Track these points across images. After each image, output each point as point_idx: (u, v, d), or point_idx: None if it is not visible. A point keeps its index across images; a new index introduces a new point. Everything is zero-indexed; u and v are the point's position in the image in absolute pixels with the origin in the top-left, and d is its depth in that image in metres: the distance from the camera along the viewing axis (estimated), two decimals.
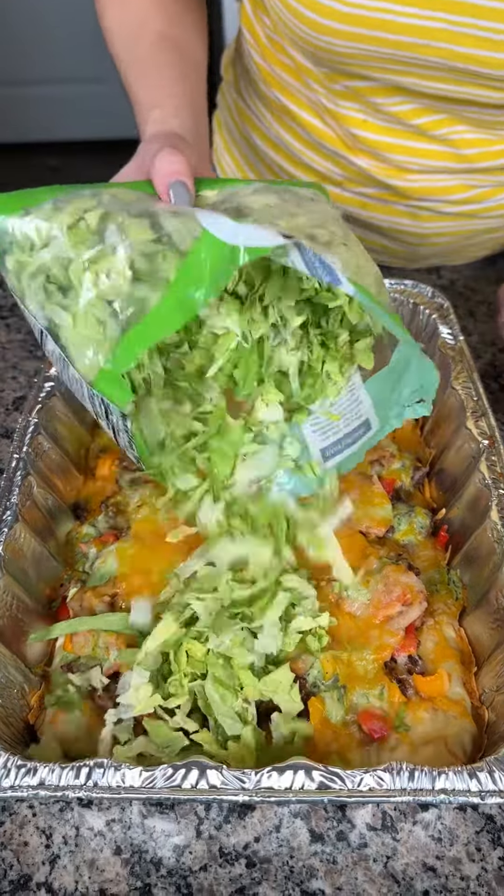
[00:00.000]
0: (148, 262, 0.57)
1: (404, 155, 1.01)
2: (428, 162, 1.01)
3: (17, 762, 0.60)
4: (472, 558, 0.78)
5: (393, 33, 0.84)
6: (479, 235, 1.16)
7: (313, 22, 0.86)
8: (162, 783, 0.59)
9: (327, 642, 0.71)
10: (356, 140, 1.01)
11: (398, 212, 1.10)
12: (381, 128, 1.00)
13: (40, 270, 0.59)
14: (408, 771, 0.59)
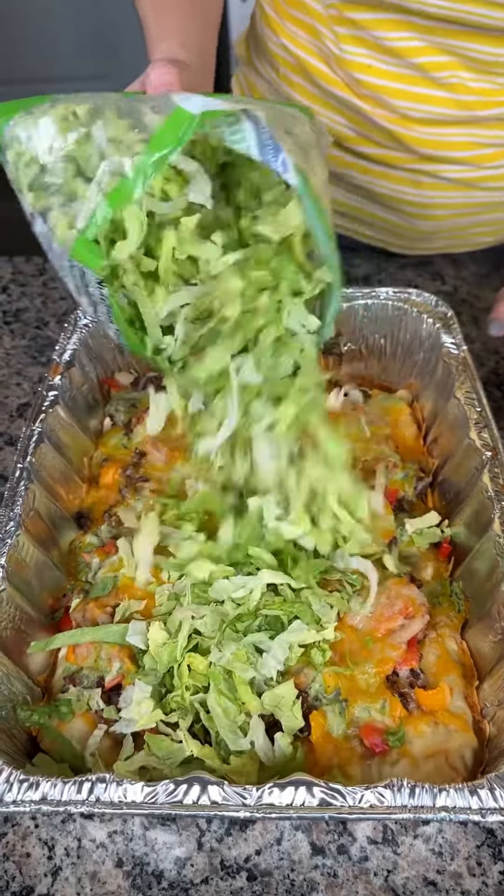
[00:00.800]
0: (125, 143, 0.60)
1: (407, 100, 1.01)
2: (430, 108, 1.01)
3: (19, 776, 0.60)
4: (475, 571, 0.78)
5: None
6: (479, 213, 1.15)
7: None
8: (164, 798, 0.59)
9: (329, 656, 0.71)
10: (360, 85, 1.02)
11: (399, 178, 1.11)
12: (385, 72, 1.00)
13: (33, 160, 0.62)
14: (408, 787, 0.59)
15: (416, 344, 0.99)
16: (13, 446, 1.01)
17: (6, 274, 1.28)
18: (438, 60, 0.97)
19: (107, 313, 0.67)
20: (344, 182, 1.15)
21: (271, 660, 0.69)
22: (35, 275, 1.28)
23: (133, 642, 0.71)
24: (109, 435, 0.97)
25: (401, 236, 1.21)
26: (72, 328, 0.98)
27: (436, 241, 1.22)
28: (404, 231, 1.19)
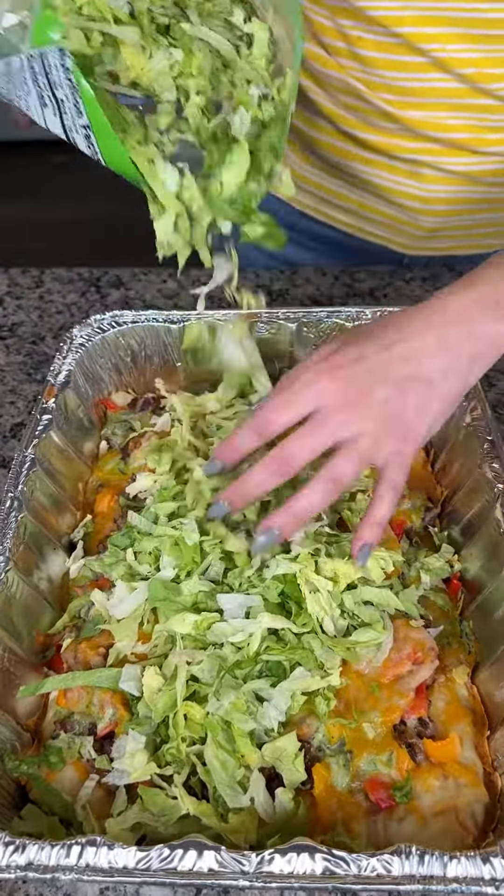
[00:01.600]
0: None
1: (399, 71, 0.98)
2: (425, 82, 0.98)
3: (4, 839, 0.57)
4: (487, 610, 0.74)
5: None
6: (482, 210, 1.13)
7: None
8: (157, 864, 0.55)
9: (334, 705, 0.67)
10: (356, 59, 1.00)
11: (400, 170, 1.09)
12: (375, 43, 0.97)
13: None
14: (417, 854, 0.55)
15: None
16: (6, 468, 0.98)
17: (2, 286, 1.24)
18: (423, 31, 0.94)
19: (77, 116, 0.64)
20: (348, 175, 1.14)
21: (272, 709, 0.65)
22: (31, 287, 1.24)
23: (126, 689, 0.68)
24: (105, 459, 0.93)
25: (404, 234, 1.19)
26: (67, 347, 0.95)
27: (440, 241, 1.20)
28: (408, 228, 1.17)
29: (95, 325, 0.97)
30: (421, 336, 0.68)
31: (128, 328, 0.97)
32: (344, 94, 1.04)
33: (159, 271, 1.26)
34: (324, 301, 1.20)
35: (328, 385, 0.66)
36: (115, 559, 0.78)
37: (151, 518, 0.79)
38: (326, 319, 0.97)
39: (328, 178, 1.17)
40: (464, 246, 1.21)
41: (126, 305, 1.20)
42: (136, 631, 0.72)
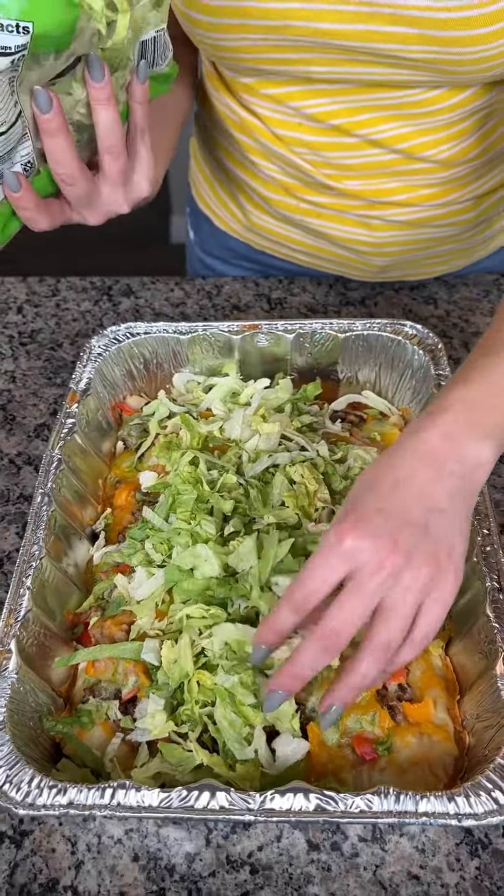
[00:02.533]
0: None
1: (339, 151, 1.08)
2: (364, 158, 1.08)
3: (49, 783, 0.68)
4: (460, 592, 0.84)
5: (256, 18, 0.92)
6: (430, 247, 1.23)
7: (191, 19, 0.95)
8: (177, 803, 0.66)
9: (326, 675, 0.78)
10: (293, 143, 1.10)
11: (351, 221, 1.18)
12: (312, 129, 1.08)
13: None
14: (394, 794, 0.66)
15: (409, 373, 1.06)
16: (31, 465, 1.08)
17: (21, 295, 1.34)
18: (355, 120, 1.04)
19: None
20: (302, 227, 1.24)
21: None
22: (48, 296, 1.34)
23: (147, 659, 0.79)
24: (122, 458, 1.04)
25: (358, 270, 1.30)
26: (87, 356, 1.05)
27: (391, 272, 1.30)
28: (360, 266, 1.28)
29: (111, 336, 1.07)
30: (417, 471, 0.68)
31: (141, 338, 1.08)
32: (291, 168, 1.14)
33: (167, 280, 1.36)
34: (319, 309, 1.30)
35: (356, 544, 0.63)
36: (133, 550, 0.88)
37: (163, 514, 0.89)
38: (321, 331, 1.07)
39: (284, 226, 1.26)
40: (412, 275, 1.32)
41: (137, 313, 1.30)
42: (154, 610, 0.83)
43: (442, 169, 1.09)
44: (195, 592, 0.81)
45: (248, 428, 0.99)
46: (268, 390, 1.06)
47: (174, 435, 1.01)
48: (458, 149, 1.06)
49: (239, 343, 1.07)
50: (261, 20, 0.92)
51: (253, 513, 0.88)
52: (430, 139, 1.05)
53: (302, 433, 0.99)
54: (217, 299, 1.32)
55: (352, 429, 1.04)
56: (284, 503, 0.89)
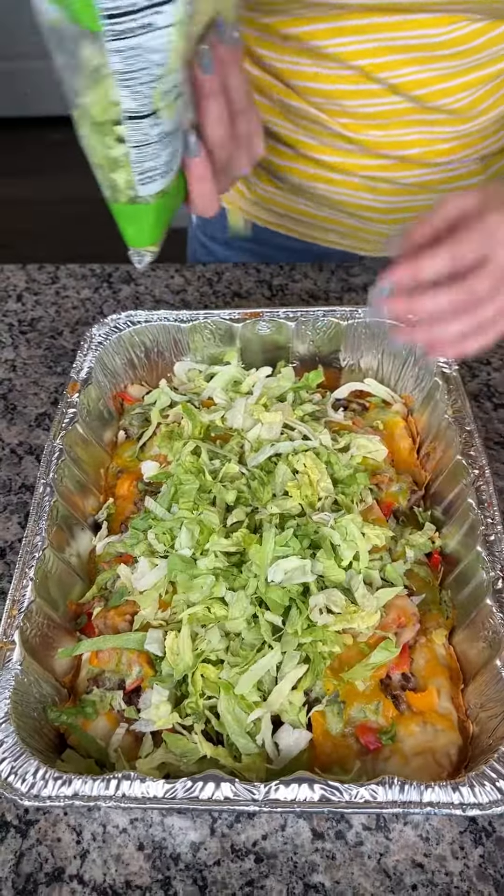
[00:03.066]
0: None
1: (357, 98, 1.07)
2: (381, 106, 1.07)
3: (53, 774, 0.68)
4: (463, 581, 0.85)
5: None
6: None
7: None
8: (182, 794, 0.66)
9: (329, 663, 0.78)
10: (311, 93, 1.09)
11: (358, 186, 1.18)
12: (331, 77, 1.06)
13: None
14: (398, 784, 0.66)
15: (412, 360, 1.05)
16: (32, 455, 1.08)
17: (20, 283, 1.33)
18: (378, 61, 1.02)
19: None
20: (311, 195, 1.23)
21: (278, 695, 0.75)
22: (48, 283, 1.33)
23: (151, 650, 0.79)
24: (124, 447, 1.03)
25: (363, 240, 1.29)
26: (87, 345, 1.04)
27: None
28: (366, 235, 1.27)
29: (112, 324, 1.07)
30: None
31: (141, 327, 1.07)
32: (305, 121, 1.13)
33: (167, 267, 1.35)
34: (320, 295, 1.29)
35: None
36: (136, 540, 0.88)
37: (165, 504, 0.89)
38: (322, 318, 1.06)
39: (293, 197, 1.26)
40: None
41: (137, 300, 1.29)
42: (157, 600, 0.83)
43: (455, 122, 1.09)
44: (197, 587, 0.81)
45: (250, 417, 0.99)
46: (269, 379, 1.05)
47: (176, 424, 1.01)
48: (471, 98, 1.06)
49: (240, 331, 1.06)
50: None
51: (255, 503, 0.88)
52: (448, 86, 1.04)
53: (304, 422, 0.98)
54: (218, 286, 1.31)
55: (354, 417, 1.04)
56: (287, 493, 0.88)
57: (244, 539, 0.83)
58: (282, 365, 1.08)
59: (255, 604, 0.80)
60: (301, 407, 1.01)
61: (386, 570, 0.85)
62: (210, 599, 0.80)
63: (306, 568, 0.80)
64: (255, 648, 0.77)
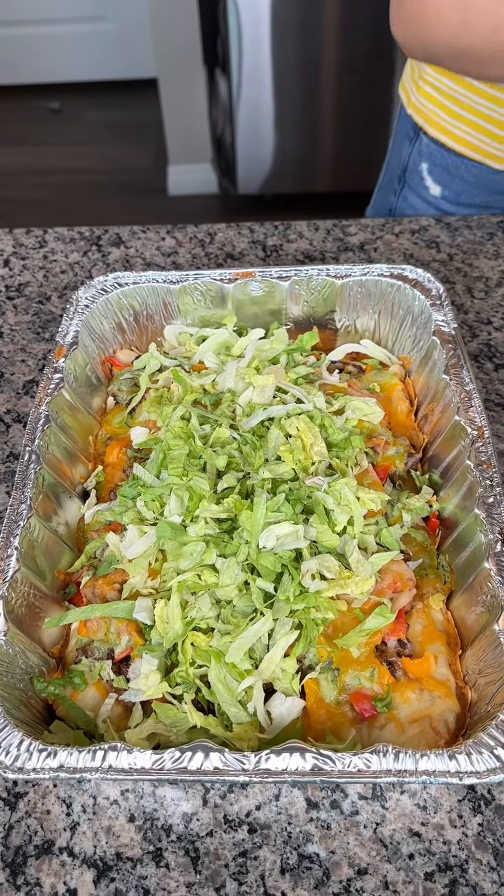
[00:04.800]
0: None
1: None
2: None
3: (38, 746, 0.66)
4: (461, 544, 0.82)
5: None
6: None
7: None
8: (170, 765, 0.64)
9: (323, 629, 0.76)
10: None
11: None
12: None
13: None
14: (393, 753, 0.64)
15: (409, 320, 1.02)
16: (20, 423, 1.05)
17: (7, 247, 1.30)
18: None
19: None
20: None
21: (269, 662, 0.73)
22: (35, 248, 1.30)
23: (140, 618, 0.77)
24: (113, 414, 1.00)
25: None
26: (74, 308, 1.01)
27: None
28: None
29: (98, 287, 1.03)
30: None
31: (129, 289, 1.03)
32: None
33: (158, 228, 1.31)
34: (316, 255, 1.25)
35: None
36: (124, 508, 0.86)
37: (154, 471, 0.86)
38: (317, 277, 1.02)
39: None
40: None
41: (127, 263, 1.26)
42: (146, 569, 0.80)
43: None
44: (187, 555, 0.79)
45: (242, 380, 0.96)
46: (262, 341, 1.02)
47: (165, 389, 0.98)
48: None
49: (232, 291, 1.03)
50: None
51: (247, 468, 0.85)
52: None
53: (298, 385, 0.95)
54: (210, 248, 1.27)
55: (350, 379, 1.01)
56: (280, 457, 0.86)
57: (235, 505, 0.80)
58: (275, 327, 1.04)
59: (247, 570, 0.77)
60: (295, 370, 0.98)
61: (382, 535, 0.83)
62: (200, 567, 0.78)
63: (299, 533, 0.78)
64: (247, 616, 0.75)
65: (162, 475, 0.86)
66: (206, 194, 3.79)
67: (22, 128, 4.26)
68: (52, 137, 4.20)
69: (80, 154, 4.07)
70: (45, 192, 3.79)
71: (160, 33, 3.22)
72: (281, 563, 0.77)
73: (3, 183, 3.85)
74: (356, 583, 0.76)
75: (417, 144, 1.36)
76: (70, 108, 4.35)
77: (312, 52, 2.99)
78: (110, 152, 4.07)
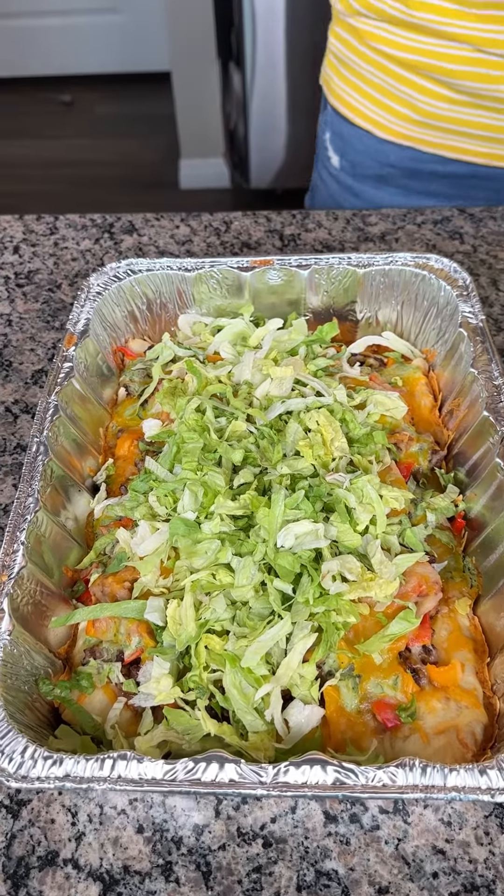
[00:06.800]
0: None
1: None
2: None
3: (43, 753, 0.62)
4: (489, 547, 0.78)
5: None
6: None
7: None
8: (183, 776, 0.61)
9: (344, 634, 0.72)
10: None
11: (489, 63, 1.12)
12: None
13: None
14: (420, 767, 0.60)
15: (434, 311, 0.98)
16: (28, 414, 1.02)
17: (17, 234, 1.26)
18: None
19: None
20: (492, 100, 1.15)
21: (287, 668, 0.69)
22: (46, 234, 1.26)
23: (151, 619, 0.73)
24: (124, 405, 0.97)
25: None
26: (85, 296, 0.97)
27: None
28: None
29: (111, 273, 1.00)
30: None
31: (143, 276, 1.00)
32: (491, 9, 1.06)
33: (172, 216, 1.28)
34: (335, 245, 1.21)
35: None
36: (136, 503, 0.82)
37: (167, 465, 0.83)
38: (338, 266, 0.98)
39: (465, 108, 1.19)
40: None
41: (139, 251, 1.22)
42: (158, 566, 0.77)
43: None
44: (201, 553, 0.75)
45: (259, 372, 0.92)
46: (280, 332, 0.98)
47: (179, 380, 0.94)
48: None
49: (249, 280, 0.99)
50: None
51: (264, 463, 0.82)
52: None
53: (317, 377, 0.91)
54: (226, 236, 1.23)
55: (372, 373, 0.97)
56: (299, 452, 0.82)
57: (252, 501, 0.76)
58: (293, 317, 1.00)
59: (264, 570, 0.74)
60: (314, 362, 0.94)
61: (405, 535, 0.79)
62: (215, 566, 0.74)
63: (319, 532, 0.74)
64: (264, 618, 0.71)
65: (175, 469, 0.82)
66: (218, 188, 3.75)
67: (33, 120, 4.22)
68: (63, 130, 4.16)
69: (92, 147, 4.03)
70: (56, 185, 3.76)
71: (174, 26, 3.18)
72: (300, 563, 0.73)
73: (14, 175, 3.82)
74: (379, 585, 0.72)
75: (324, 114, 1.42)
76: (82, 101, 4.31)
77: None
78: (122, 146, 4.04)
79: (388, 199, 1.35)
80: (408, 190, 1.33)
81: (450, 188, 1.29)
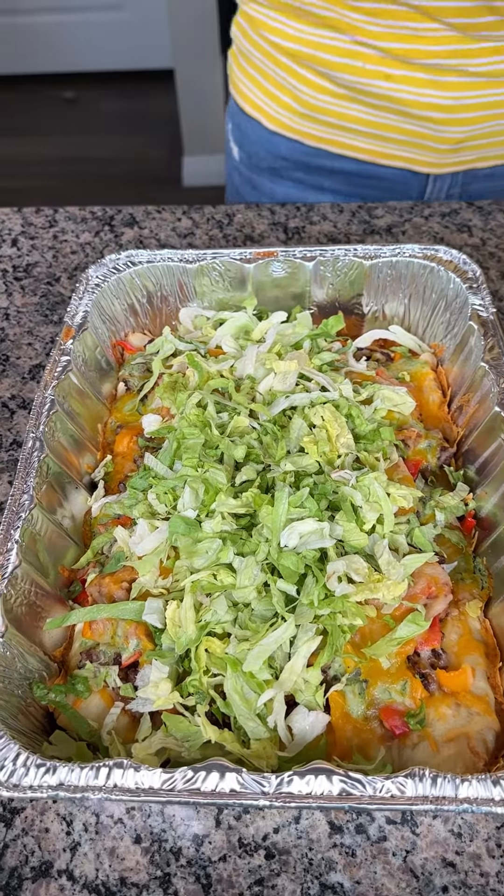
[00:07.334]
0: None
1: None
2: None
3: (36, 761, 0.60)
4: (501, 547, 0.76)
5: None
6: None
7: None
8: (181, 785, 0.58)
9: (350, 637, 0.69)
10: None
11: (421, 81, 1.10)
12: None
13: None
14: (430, 777, 0.58)
15: (443, 304, 0.95)
16: (25, 409, 0.99)
17: (16, 227, 1.24)
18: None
19: None
20: (368, 96, 1.13)
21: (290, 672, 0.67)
22: (45, 227, 1.23)
23: (150, 621, 0.70)
24: (124, 400, 0.94)
25: (428, 150, 1.19)
26: (84, 288, 0.95)
27: (465, 153, 1.19)
28: (431, 143, 1.17)
29: (110, 265, 0.97)
30: None
31: (143, 268, 0.97)
32: (372, 2, 1.04)
33: (173, 209, 1.25)
34: (341, 238, 1.18)
35: None
36: (134, 501, 0.79)
37: (167, 462, 0.80)
38: (343, 257, 0.96)
39: (346, 102, 1.16)
40: (491, 157, 1.20)
41: (140, 244, 1.19)
42: (157, 566, 0.74)
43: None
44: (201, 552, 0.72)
45: (262, 366, 0.89)
46: (284, 325, 0.95)
47: (180, 375, 0.92)
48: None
49: (252, 272, 0.96)
50: None
51: (268, 459, 0.79)
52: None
53: (322, 372, 0.89)
54: (228, 229, 1.21)
55: (378, 367, 0.94)
56: (303, 449, 0.79)
57: (255, 499, 0.74)
58: (297, 310, 0.98)
59: (267, 571, 0.71)
60: (319, 356, 0.91)
61: (413, 535, 0.76)
62: (216, 566, 0.71)
63: (324, 531, 0.71)
64: (266, 621, 0.69)
65: (175, 466, 0.80)
66: (220, 185, 3.72)
67: (36, 117, 4.20)
68: (66, 127, 4.14)
69: (95, 144, 4.01)
70: (59, 182, 3.74)
71: (177, 23, 3.15)
72: (304, 563, 0.70)
73: (16, 172, 3.80)
74: (387, 587, 0.70)
75: (228, 106, 1.41)
76: (85, 98, 4.29)
77: None
78: (125, 143, 4.01)
79: (282, 193, 1.33)
80: (303, 184, 1.31)
81: (342, 185, 1.28)
